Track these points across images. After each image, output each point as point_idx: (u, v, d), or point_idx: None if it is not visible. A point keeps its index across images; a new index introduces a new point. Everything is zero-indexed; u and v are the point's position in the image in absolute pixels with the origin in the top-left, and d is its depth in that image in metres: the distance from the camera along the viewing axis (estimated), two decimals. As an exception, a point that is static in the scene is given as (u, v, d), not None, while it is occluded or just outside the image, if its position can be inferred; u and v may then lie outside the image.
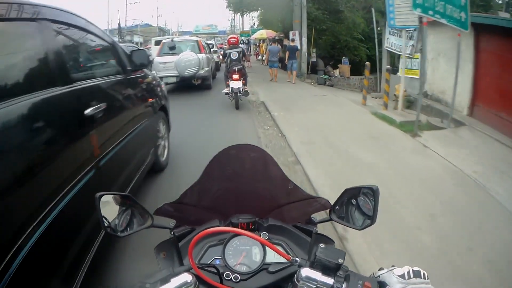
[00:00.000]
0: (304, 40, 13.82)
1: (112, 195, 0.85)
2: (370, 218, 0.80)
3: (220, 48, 18.57)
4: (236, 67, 7.29)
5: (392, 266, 0.67)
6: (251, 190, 1.05)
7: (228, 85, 7.36)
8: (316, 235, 0.91)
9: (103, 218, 0.80)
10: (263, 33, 20.73)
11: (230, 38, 8.28)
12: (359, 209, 0.84)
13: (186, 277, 0.67)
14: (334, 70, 15.43)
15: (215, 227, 0.85)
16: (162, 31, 45.49)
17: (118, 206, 0.86)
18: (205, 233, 0.68)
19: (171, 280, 0.66)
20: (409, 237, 2.62)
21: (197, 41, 10.67)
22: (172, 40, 10.38)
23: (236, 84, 7.15)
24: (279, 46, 15.14)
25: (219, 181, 1.05)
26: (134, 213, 0.88)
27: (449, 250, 2.46)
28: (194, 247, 0.70)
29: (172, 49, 9.48)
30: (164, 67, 9.18)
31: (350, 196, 0.87)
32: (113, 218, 0.84)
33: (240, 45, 8.34)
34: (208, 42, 15.78)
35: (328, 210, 0.93)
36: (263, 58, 19.16)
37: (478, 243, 2.55)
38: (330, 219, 0.91)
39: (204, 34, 42.85)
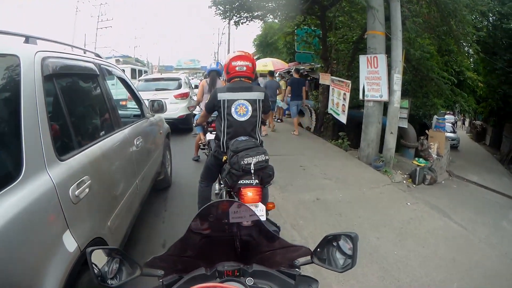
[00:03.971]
0: (398, 78, 6.29)
1: (102, 249, 0.93)
2: (351, 258, 0.91)
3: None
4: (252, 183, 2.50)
5: None
6: (235, 238, 1.12)
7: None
8: (300, 277, 0.99)
9: (94, 267, 0.88)
10: (268, 64, 13.18)
11: (236, 58, 2.89)
12: (339, 249, 0.95)
13: None
14: (431, 144, 7.49)
15: (203, 284, 0.83)
16: (141, 64, 37.06)
17: (106, 257, 0.93)
18: None
19: None
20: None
21: None
22: None
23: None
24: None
25: (204, 232, 1.08)
26: (123, 262, 0.95)
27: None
28: None
29: None
30: None
31: (332, 239, 0.96)
32: (102, 265, 0.91)
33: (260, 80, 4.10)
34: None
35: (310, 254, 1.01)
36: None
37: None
38: (312, 262, 1.00)
39: (186, 69, 39.91)
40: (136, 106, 3.84)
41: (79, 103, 2.28)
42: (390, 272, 3.08)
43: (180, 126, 8.11)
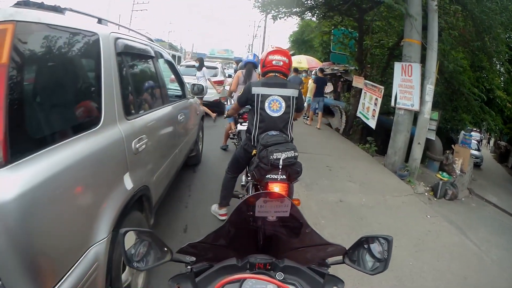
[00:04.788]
0: (431, 89, 6.25)
1: (134, 231, 0.92)
2: (382, 263, 0.91)
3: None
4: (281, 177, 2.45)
5: None
6: (269, 232, 1.12)
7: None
8: (329, 276, 0.99)
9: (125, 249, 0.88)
10: (302, 61, 12.97)
11: (274, 52, 2.89)
12: (370, 251, 0.95)
13: None
14: (456, 160, 7.42)
15: (236, 275, 0.84)
16: (174, 49, 35.32)
17: (135, 237, 0.92)
18: (226, 282, 0.79)
19: None
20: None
21: None
22: None
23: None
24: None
25: (240, 223, 1.08)
26: (152, 245, 0.93)
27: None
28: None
29: None
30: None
31: (365, 241, 0.96)
32: (129, 247, 0.89)
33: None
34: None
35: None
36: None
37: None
38: (343, 262, 1.00)
39: (219, 59, 37.67)
40: (179, 88, 4.18)
41: (140, 77, 2.72)
42: (404, 282, 3.11)
43: (214, 109, 8.64)
